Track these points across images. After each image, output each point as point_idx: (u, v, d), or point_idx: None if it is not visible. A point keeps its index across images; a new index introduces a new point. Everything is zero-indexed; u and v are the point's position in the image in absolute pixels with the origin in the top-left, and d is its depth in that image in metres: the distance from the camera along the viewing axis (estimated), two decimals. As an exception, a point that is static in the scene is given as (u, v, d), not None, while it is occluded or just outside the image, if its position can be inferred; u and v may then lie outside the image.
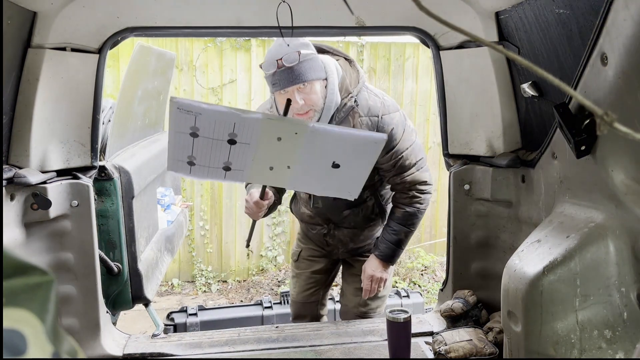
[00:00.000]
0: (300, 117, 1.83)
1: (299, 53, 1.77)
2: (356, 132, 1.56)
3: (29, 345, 0.41)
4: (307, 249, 2.44)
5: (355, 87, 1.97)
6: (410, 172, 2.06)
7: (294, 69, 1.78)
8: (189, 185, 4.97)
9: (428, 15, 0.60)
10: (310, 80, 1.81)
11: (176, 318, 2.97)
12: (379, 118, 1.98)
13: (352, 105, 1.95)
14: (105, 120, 2.57)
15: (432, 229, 5.54)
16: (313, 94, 1.84)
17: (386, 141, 1.76)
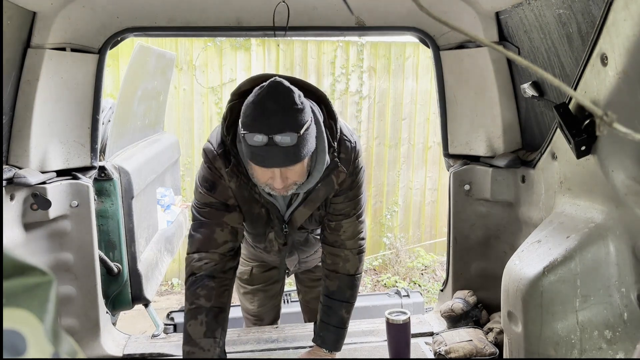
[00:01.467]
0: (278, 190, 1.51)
1: (298, 135, 1.37)
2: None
3: (28, 346, 0.41)
4: (258, 266, 2.18)
5: (336, 140, 1.61)
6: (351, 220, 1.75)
7: (287, 150, 1.39)
8: (189, 186, 4.97)
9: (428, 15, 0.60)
10: (302, 160, 1.44)
11: (176, 317, 2.97)
12: (353, 161, 1.67)
13: (337, 163, 1.62)
14: (105, 120, 2.57)
15: (432, 229, 5.54)
16: (301, 171, 1.49)
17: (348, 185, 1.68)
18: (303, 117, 1.40)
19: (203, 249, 1.64)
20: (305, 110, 1.42)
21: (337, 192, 1.70)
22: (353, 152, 1.66)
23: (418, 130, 5.34)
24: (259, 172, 1.49)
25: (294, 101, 1.39)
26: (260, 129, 1.37)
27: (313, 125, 1.47)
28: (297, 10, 1.88)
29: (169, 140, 3.36)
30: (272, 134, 1.36)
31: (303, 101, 1.43)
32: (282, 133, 1.36)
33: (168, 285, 4.97)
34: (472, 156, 2.12)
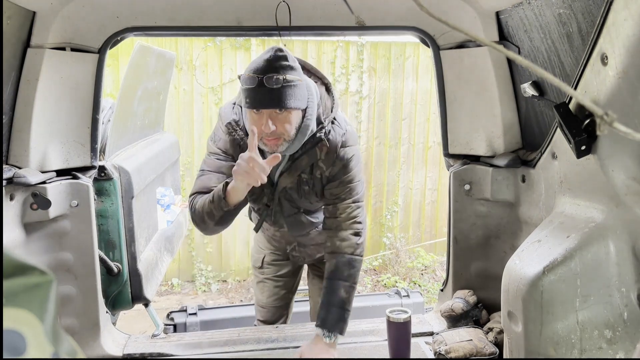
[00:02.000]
0: (268, 142, 1.67)
1: (283, 78, 1.59)
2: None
3: (28, 345, 0.41)
4: (270, 254, 2.31)
5: (328, 117, 1.81)
6: (347, 202, 1.87)
7: (274, 92, 1.59)
8: (189, 185, 4.97)
9: (428, 14, 0.60)
10: (288, 108, 1.62)
11: (176, 318, 2.97)
12: (339, 149, 1.82)
13: (321, 137, 1.79)
14: (105, 120, 2.57)
15: (432, 229, 5.54)
16: (287, 122, 1.65)
17: (340, 171, 1.84)
18: (293, 71, 1.63)
19: (201, 191, 1.79)
20: (296, 69, 1.65)
21: (330, 177, 1.86)
22: (342, 137, 1.82)
23: (418, 130, 5.34)
24: (253, 119, 1.65)
25: (287, 57, 1.63)
26: (254, 70, 1.60)
27: (303, 85, 1.68)
28: (297, 10, 1.88)
29: (169, 140, 3.36)
30: (261, 75, 1.58)
31: (296, 64, 1.66)
32: (270, 74, 1.57)
33: (168, 285, 4.98)
34: (472, 156, 2.12)
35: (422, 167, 5.44)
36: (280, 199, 1.91)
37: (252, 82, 1.59)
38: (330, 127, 1.82)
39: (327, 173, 1.85)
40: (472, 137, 2.09)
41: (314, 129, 1.77)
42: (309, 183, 1.87)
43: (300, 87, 1.65)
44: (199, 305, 3.07)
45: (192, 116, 4.90)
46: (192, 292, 4.93)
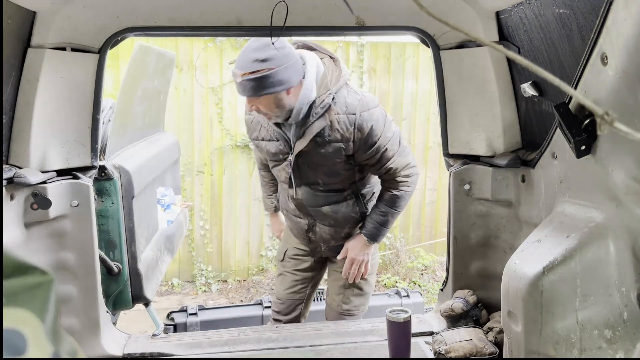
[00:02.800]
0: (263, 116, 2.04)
1: (257, 71, 1.86)
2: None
3: (29, 345, 0.41)
4: (292, 248, 2.48)
5: (335, 85, 2.03)
6: (393, 160, 2.11)
7: (251, 82, 1.87)
8: (189, 185, 4.97)
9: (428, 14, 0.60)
10: (263, 94, 1.90)
11: (176, 318, 2.97)
12: (357, 115, 2.02)
13: (329, 103, 2.00)
14: (105, 120, 2.57)
15: (432, 229, 5.54)
16: (264, 105, 1.95)
17: (367, 137, 2.03)
18: (267, 62, 1.87)
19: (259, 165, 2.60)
20: (272, 58, 1.88)
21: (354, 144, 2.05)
22: (355, 106, 2.02)
23: (418, 131, 5.34)
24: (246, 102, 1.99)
25: (267, 47, 1.86)
26: (238, 66, 1.90)
27: (281, 70, 1.90)
28: (296, 10, 1.88)
29: (169, 140, 3.37)
30: (239, 70, 1.87)
31: (272, 52, 1.87)
32: (244, 70, 1.87)
33: (168, 285, 4.98)
34: (472, 156, 2.12)
35: (422, 167, 5.44)
36: (298, 164, 2.13)
37: (235, 77, 1.92)
38: (341, 93, 2.04)
39: (345, 135, 2.03)
40: (472, 137, 2.09)
41: (312, 98, 2.00)
42: (324, 146, 2.05)
43: (276, 74, 1.89)
44: (199, 305, 3.07)
45: (192, 116, 4.90)
46: (193, 292, 4.93)
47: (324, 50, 2.17)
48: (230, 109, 4.94)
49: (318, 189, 2.19)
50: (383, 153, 2.09)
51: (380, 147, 2.07)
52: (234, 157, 5.02)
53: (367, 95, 2.09)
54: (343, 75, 2.09)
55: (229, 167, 5.02)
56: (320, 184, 2.17)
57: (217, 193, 5.06)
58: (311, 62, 2.04)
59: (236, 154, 5.01)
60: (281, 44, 1.89)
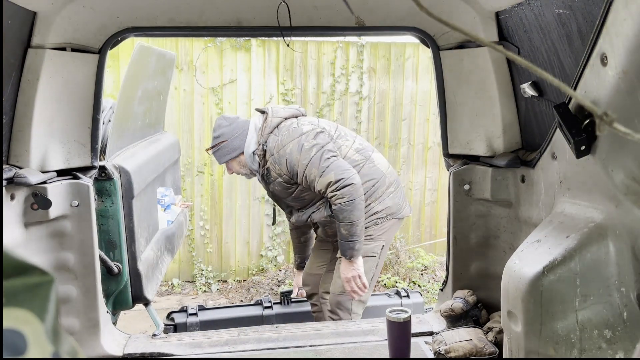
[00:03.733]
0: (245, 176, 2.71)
1: (213, 150, 2.61)
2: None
3: (29, 345, 0.41)
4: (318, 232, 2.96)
5: (262, 137, 2.54)
6: (317, 182, 2.42)
7: (215, 154, 2.63)
8: (189, 185, 4.97)
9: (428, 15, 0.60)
10: (223, 163, 2.63)
11: (176, 318, 2.97)
12: (275, 155, 2.48)
13: (261, 152, 2.54)
14: (106, 120, 2.57)
15: (432, 229, 5.54)
16: (229, 167, 2.65)
17: (289, 169, 2.46)
18: (213, 141, 2.61)
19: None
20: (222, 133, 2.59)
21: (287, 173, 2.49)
22: (274, 147, 2.49)
23: (418, 131, 5.34)
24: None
25: (213, 130, 2.64)
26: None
27: (223, 147, 2.58)
28: (297, 10, 1.88)
29: (169, 140, 3.36)
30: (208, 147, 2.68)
31: (220, 133, 2.59)
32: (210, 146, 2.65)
33: (168, 286, 4.98)
34: (472, 156, 2.12)
35: (422, 168, 5.44)
36: (274, 198, 2.77)
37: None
38: (267, 144, 2.52)
39: (277, 172, 2.50)
40: (471, 137, 2.09)
41: (250, 153, 2.56)
42: (273, 183, 2.57)
43: (223, 148, 2.58)
44: (199, 305, 3.06)
45: (193, 117, 4.90)
46: (193, 292, 4.93)
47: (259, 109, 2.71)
48: (230, 109, 4.94)
49: (301, 210, 2.67)
50: (308, 179, 2.44)
51: (302, 174, 2.45)
52: (234, 157, 5.01)
53: (283, 134, 2.50)
54: (268, 125, 2.55)
55: (229, 167, 5.02)
56: (298, 205, 2.66)
57: (217, 193, 5.06)
58: (251, 126, 2.59)
59: (236, 154, 5.01)
60: (229, 120, 2.60)
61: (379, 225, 2.63)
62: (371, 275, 2.64)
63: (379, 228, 2.64)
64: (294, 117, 2.60)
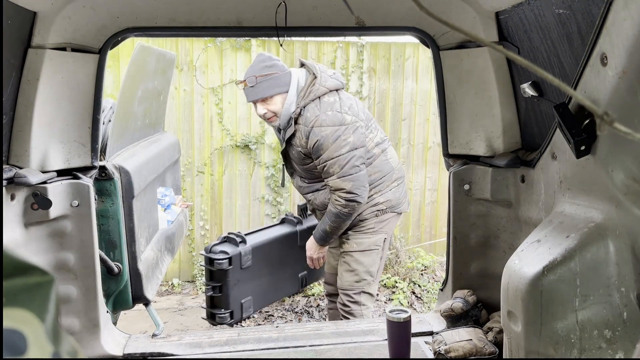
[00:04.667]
0: (267, 120, 2.54)
1: (256, 77, 2.41)
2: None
3: (29, 345, 0.41)
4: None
5: (304, 100, 2.46)
6: (333, 178, 2.45)
7: (253, 88, 2.43)
8: (189, 185, 4.97)
9: (428, 15, 0.60)
10: (264, 96, 2.44)
11: (228, 250, 3.03)
12: (309, 128, 2.43)
13: (296, 115, 2.47)
14: (106, 120, 2.57)
15: (432, 229, 5.54)
16: (272, 104, 2.46)
17: (314, 149, 2.44)
18: (265, 69, 2.43)
19: None
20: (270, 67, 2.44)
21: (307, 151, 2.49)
22: (311, 120, 2.43)
23: (418, 131, 5.34)
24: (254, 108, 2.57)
25: (263, 60, 2.48)
26: (243, 77, 2.48)
27: (275, 78, 2.43)
28: (297, 10, 1.89)
29: (169, 140, 3.37)
30: (244, 78, 2.46)
31: (270, 62, 2.46)
32: (248, 77, 2.44)
33: (168, 286, 4.98)
34: (472, 156, 2.12)
35: (422, 168, 5.44)
36: (287, 158, 2.70)
37: (241, 85, 2.47)
38: (308, 107, 2.44)
39: (302, 143, 2.47)
40: (471, 137, 2.10)
41: (292, 109, 2.47)
42: (293, 149, 2.56)
43: (273, 79, 2.42)
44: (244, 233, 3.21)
45: (193, 117, 4.90)
46: (193, 292, 4.93)
47: (310, 68, 2.57)
48: (230, 109, 4.94)
49: (304, 180, 2.68)
50: (325, 168, 2.46)
51: (322, 160, 2.44)
52: (234, 157, 5.02)
53: (328, 114, 2.43)
54: (314, 91, 2.46)
55: (229, 167, 5.03)
56: (304, 176, 2.67)
57: (217, 193, 5.06)
58: (294, 78, 2.49)
59: (236, 154, 5.01)
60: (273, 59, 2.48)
61: (379, 218, 2.67)
62: (376, 268, 2.68)
63: (379, 220, 2.67)
64: (336, 90, 2.53)
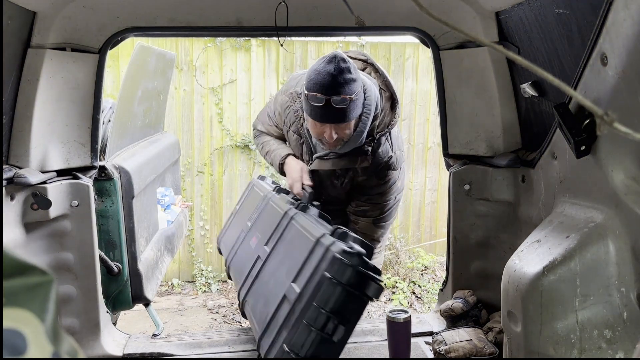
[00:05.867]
0: (329, 144, 1.86)
1: (350, 98, 1.71)
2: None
3: (29, 345, 0.41)
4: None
5: (381, 133, 1.94)
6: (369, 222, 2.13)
7: (340, 110, 1.72)
8: (189, 186, 4.97)
9: (428, 15, 0.60)
10: (350, 120, 1.78)
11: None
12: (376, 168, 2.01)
13: (367, 150, 1.94)
14: (105, 120, 2.57)
15: (432, 229, 5.54)
16: (347, 129, 1.81)
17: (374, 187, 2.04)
18: (355, 85, 1.74)
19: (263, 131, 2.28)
20: (357, 78, 1.75)
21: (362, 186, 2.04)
22: (387, 159, 2.00)
23: (418, 131, 5.34)
24: (315, 127, 1.82)
25: (349, 69, 1.73)
26: (319, 88, 1.71)
27: (362, 93, 1.80)
28: (297, 10, 1.89)
29: (169, 140, 3.37)
30: (328, 96, 1.70)
31: (357, 73, 1.77)
32: (336, 95, 1.70)
33: (168, 286, 4.98)
34: (472, 156, 2.12)
35: (422, 168, 5.44)
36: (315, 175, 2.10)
37: (319, 101, 1.71)
38: (382, 142, 1.96)
39: (360, 180, 2.02)
40: (472, 137, 2.09)
41: (362, 141, 1.90)
42: (340, 179, 2.06)
43: (360, 98, 1.79)
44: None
45: (192, 117, 4.90)
46: (193, 292, 4.93)
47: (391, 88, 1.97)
48: (230, 109, 4.94)
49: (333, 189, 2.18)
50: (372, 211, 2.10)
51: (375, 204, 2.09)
52: (234, 157, 5.02)
53: (398, 155, 2.03)
54: (393, 124, 1.95)
55: (229, 167, 5.03)
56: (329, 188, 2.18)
57: (217, 193, 5.06)
58: (373, 99, 1.86)
59: (236, 154, 5.01)
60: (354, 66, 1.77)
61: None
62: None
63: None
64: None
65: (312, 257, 1.47)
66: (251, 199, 2.37)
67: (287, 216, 1.81)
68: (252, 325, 1.71)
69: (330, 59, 1.73)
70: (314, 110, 1.75)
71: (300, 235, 1.63)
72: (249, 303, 1.77)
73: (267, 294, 1.64)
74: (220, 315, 4.45)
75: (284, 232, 1.76)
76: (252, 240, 2.00)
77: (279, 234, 1.78)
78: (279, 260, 1.69)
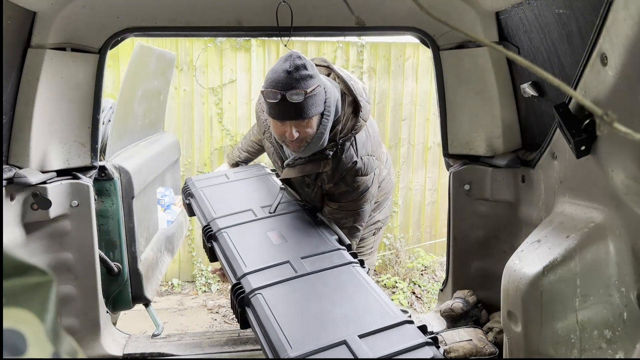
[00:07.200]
0: (291, 145, 1.80)
1: (305, 92, 1.67)
2: None
3: (29, 345, 0.41)
4: None
5: (344, 138, 1.87)
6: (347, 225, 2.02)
7: (297, 105, 1.69)
8: (189, 185, 4.97)
9: (428, 15, 0.60)
10: (310, 117, 1.73)
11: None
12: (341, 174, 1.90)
13: (328, 154, 1.86)
14: (105, 120, 2.57)
15: (432, 229, 5.54)
16: (309, 127, 1.76)
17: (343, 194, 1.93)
18: (311, 81, 1.70)
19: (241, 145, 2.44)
20: (315, 75, 1.72)
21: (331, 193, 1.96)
22: (353, 165, 1.88)
23: (418, 131, 5.34)
24: (276, 126, 1.79)
25: (305, 66, 1.70)
26: (274, 85, 1.68)
27: (322, 91, 1.75)
28: (297, 10, 1.89)
29: (169, 140, 3.36)
30: (283, 91, 1.66)
31: (314, 70, 1.73)
32: (292, 90, 1.66)
33: (168, 286, 4.98)
34: (472, 156, 2.12)
35: (422, 168, 5.44)
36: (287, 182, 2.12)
37: (275, 97, 1.68)
38: (345, 148, 1.88)
39: (328, 188, 1.94)
40: (471, 137, 2.09)
41: (324, 143, 1.83)
42: (310, 186, 2.00)
43: (319, 94, 1.74)
44: None
45: (192, 117, 4.90)
46: (193, 292, 4.93)
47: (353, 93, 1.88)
48: (230, 109, 4.94)
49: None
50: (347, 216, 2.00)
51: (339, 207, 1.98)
52: (234, 157, 5.02)
53: (365, 161, 1.92)
54: (357, 127, 1.88)
55: (229, 167, 5.02)
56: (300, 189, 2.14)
57: (217, 193, 5.05)
58: (333, 101, 1.81)
59: (236, 154, 5.01)
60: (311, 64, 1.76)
61: (376, 235, 2.44)
62: None
63: (377, 238, 2.45)
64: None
65: (392, 334, 1.42)
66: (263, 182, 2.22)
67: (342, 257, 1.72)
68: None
69: (286, 57, 1.73)
70: (272, 108, 1.72)
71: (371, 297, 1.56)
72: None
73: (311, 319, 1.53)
74: (220, 315, 4.45)
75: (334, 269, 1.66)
76: (273, 235, 1.87)
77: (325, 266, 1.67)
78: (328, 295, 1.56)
